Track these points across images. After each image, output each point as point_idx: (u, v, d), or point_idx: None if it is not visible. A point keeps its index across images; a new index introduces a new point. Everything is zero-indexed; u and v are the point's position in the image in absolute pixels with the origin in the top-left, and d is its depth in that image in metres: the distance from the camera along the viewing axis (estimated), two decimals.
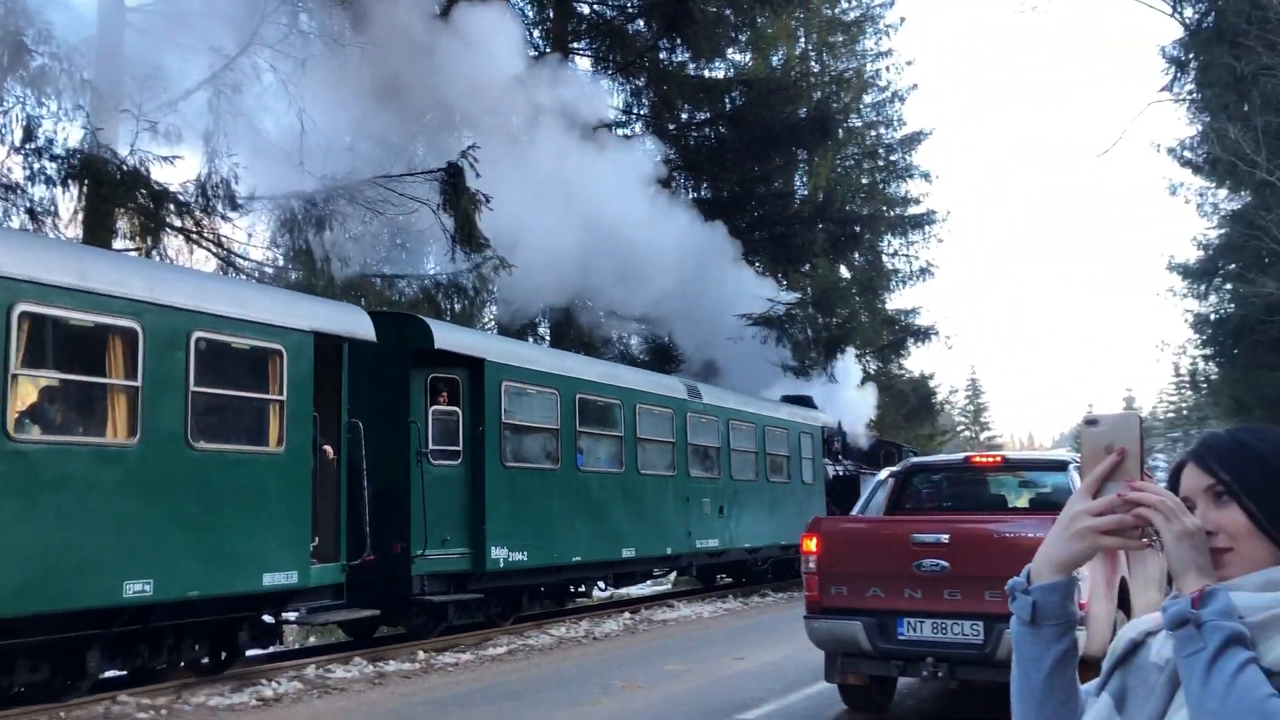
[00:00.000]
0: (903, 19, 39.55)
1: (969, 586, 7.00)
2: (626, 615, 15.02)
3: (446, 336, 12.46)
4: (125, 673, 9.32)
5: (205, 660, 9.77)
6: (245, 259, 16.14)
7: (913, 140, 38.68)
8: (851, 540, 7.85)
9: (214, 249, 15.62)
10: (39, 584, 7.71)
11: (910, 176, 39.20)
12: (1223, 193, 25.39)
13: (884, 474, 9.45)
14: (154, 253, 14.56)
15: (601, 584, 16.50)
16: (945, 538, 7.19)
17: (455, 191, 17.02)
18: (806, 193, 28.75)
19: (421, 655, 11.30)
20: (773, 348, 22.67)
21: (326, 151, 18.91)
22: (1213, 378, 27.83)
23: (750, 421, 18.99)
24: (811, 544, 7.70)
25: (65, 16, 13.72)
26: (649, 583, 19.76)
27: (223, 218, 15.38)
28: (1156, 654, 1.49)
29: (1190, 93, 23.94)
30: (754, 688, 9.39)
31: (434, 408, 12.34)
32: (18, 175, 13.48)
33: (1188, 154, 24.44)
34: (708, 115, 24.03)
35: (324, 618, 11.18)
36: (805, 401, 22.27)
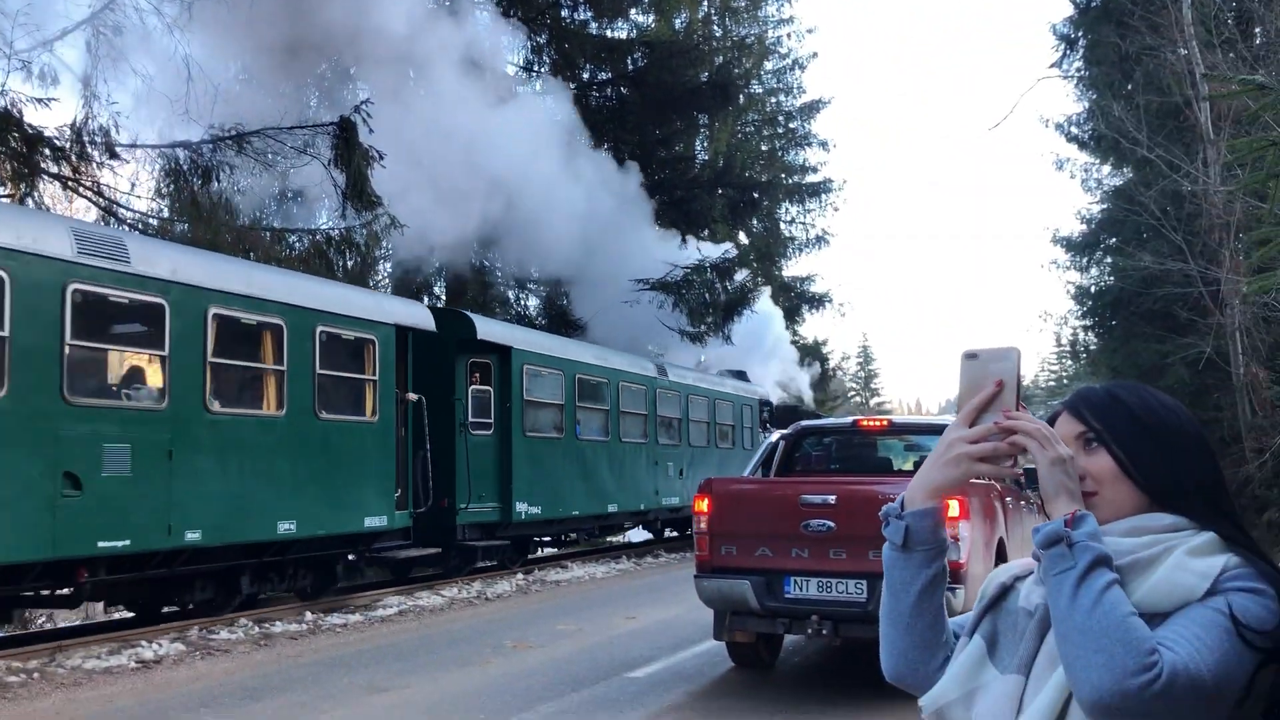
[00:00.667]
0: None
1: (854, 546, 7.16)
2: (519, 576, 15.02)
3: (485, 328, 15.16)
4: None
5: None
6: (128, 209, 15.52)
7: (812, 108, 39.03)
8: (742, 501, 7.95)
9: (93, 197, 14.99)
10: (225, 522, 10.29)
11: (809, 145, 39.61)
12: (1106, 168, 26.19)
13: (774, 436, 9.59)
14: (28, 199, 13.90)
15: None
16: (832, 498, 7.33)
17: (347, 146, 16.59)
18: (707, 158, 28.82)
19: (309, 616, 11.13)
20: (669, 312, 22.78)
21: (213, 100, 18.26)
22: (1092, 348, 28.85)
23: (704, 396, 21.83)
24: (703, 504, 7.78)
25: None
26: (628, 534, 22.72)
27: (100, 165, 14.73)
28: (1025, 599, 1.54)
29: (1078, 70, 24.62)
30: (644, 646, 9.50)
31: (472, 387, 14.89)
32: None
33: (1074, 130, 25.14)
34: (609, 76, 23.86)
35: (404, 554, 13.47)
36: (742, 376, 25.21)
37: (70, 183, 14.51)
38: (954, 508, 6.91)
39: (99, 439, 9.09)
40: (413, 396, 13.28)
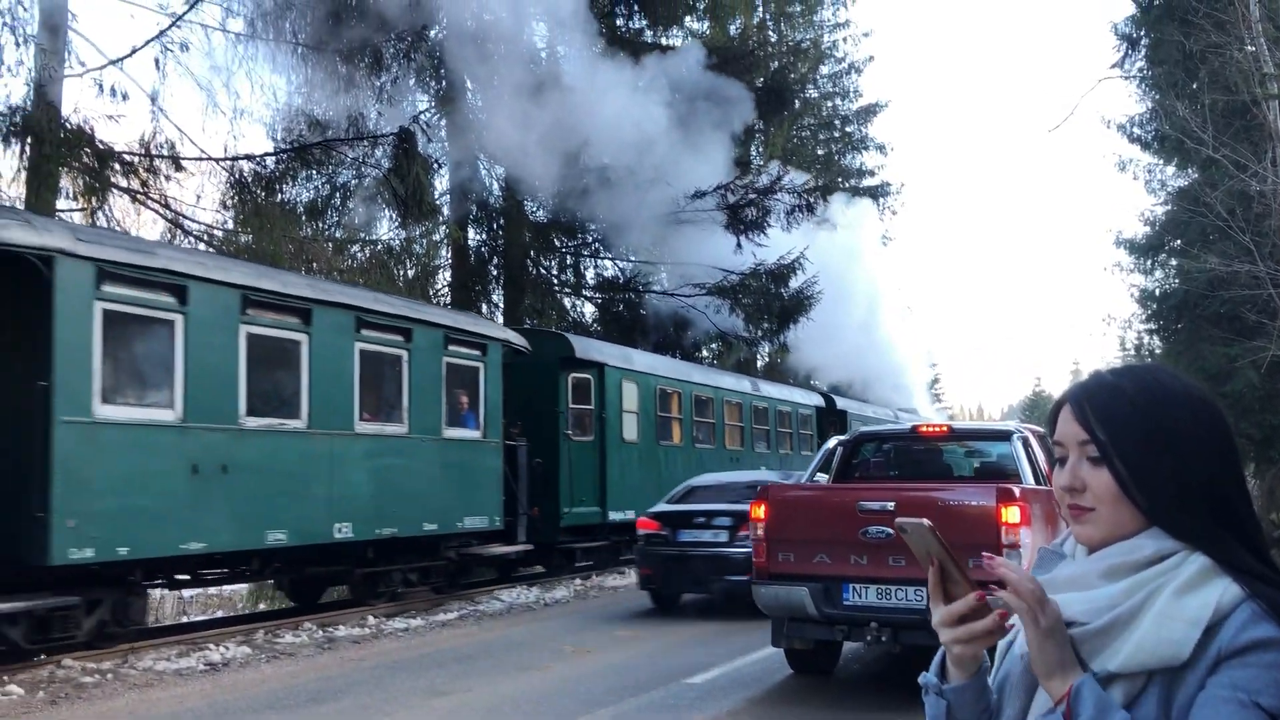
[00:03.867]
0: None
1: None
2: (577, 581, 15.09)
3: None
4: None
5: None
6: (194, 221, 15.89)
7: (868, 112, 38.83)
8: (799, 507, 7.94)
9: (161, 210, 15.37)
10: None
11: (866, 148, 39.42)
12: (1170, 169, 25.69)
13: (832, 442, 9.55)
14: (99, 213, 14.29)
15: None
16: (891, 505, 7.29)
17: (407, 157, 16.86)
18: (762, 163, 28.75)
19: (372, 620, 11.30)
20: (726, 316, 22.81)
21: (277, 113, 18.63)
22: (1157, 351, 28.31)
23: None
24: (760, 511, 7.77)
25: None
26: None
27: (168, 179, 15.11)
28: (1021, 643, 1.41)
29: (1140, 70, 24.19)
30: (703, 653, 9.50)
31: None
32: None
33: (1137, 130, 24.71)
34: (664, 82, 23.90)
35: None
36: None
37: (139, 196, 14.88)
38: (1014, 514, 6.85)
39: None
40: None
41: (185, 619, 14.88)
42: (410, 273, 21.58)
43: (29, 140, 12.99)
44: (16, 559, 8.49)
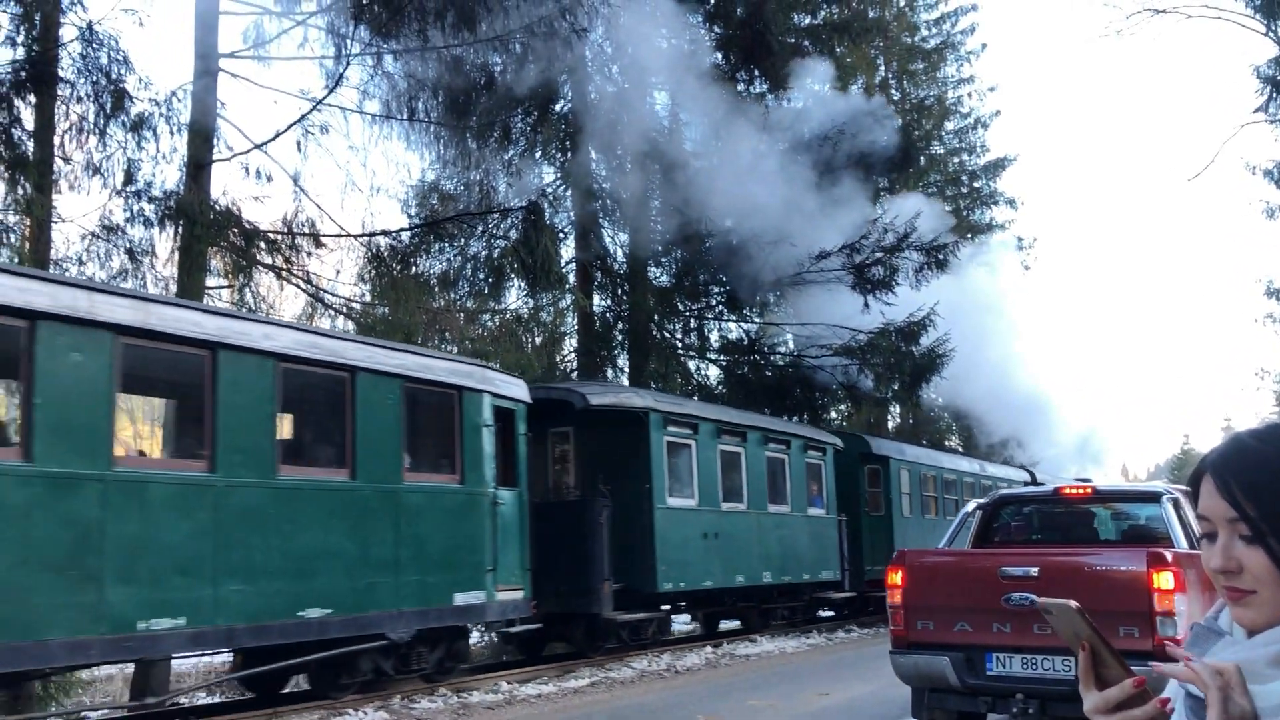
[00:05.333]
0: (984, 45, 39.22)
1: None
2: (709, 649, 14.90)
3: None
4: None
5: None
6: (333, 295, 16.51)
7: (996, 166, 38.15)
8: (938, 573, 7.69)
9: (303, 285, 16.02)
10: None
11: (995, 203, 38.66)
12: None
13: (971, 505, 9.25)
14: (245, 289, 14.97)
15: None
16: (1035, 570, 7.00)
17: (535, 228, 17.24)
18: (889, 220, 28.46)
19: (505, 686, 11.34)
20: (855, 376, 22.54)
21: (411, 189, 19.33)
22: None
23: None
24: (896, 577, 7.56)
25: (163, 65, 14.31)
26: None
27: (309, 255, 15.76)
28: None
29: None
30: None
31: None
32: (118, 217, 14.01)
33: None
34: (785, 145, 23.98)
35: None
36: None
37: (283, 273, 15.55)
38: (1167, 579, 6.49)
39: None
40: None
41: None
42: (538, 340, 21.96)
43: (182, 222, 13.74)
44: (635, 589, 14.45)
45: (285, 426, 10.56)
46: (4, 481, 7.53)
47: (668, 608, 15.97)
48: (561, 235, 22.23)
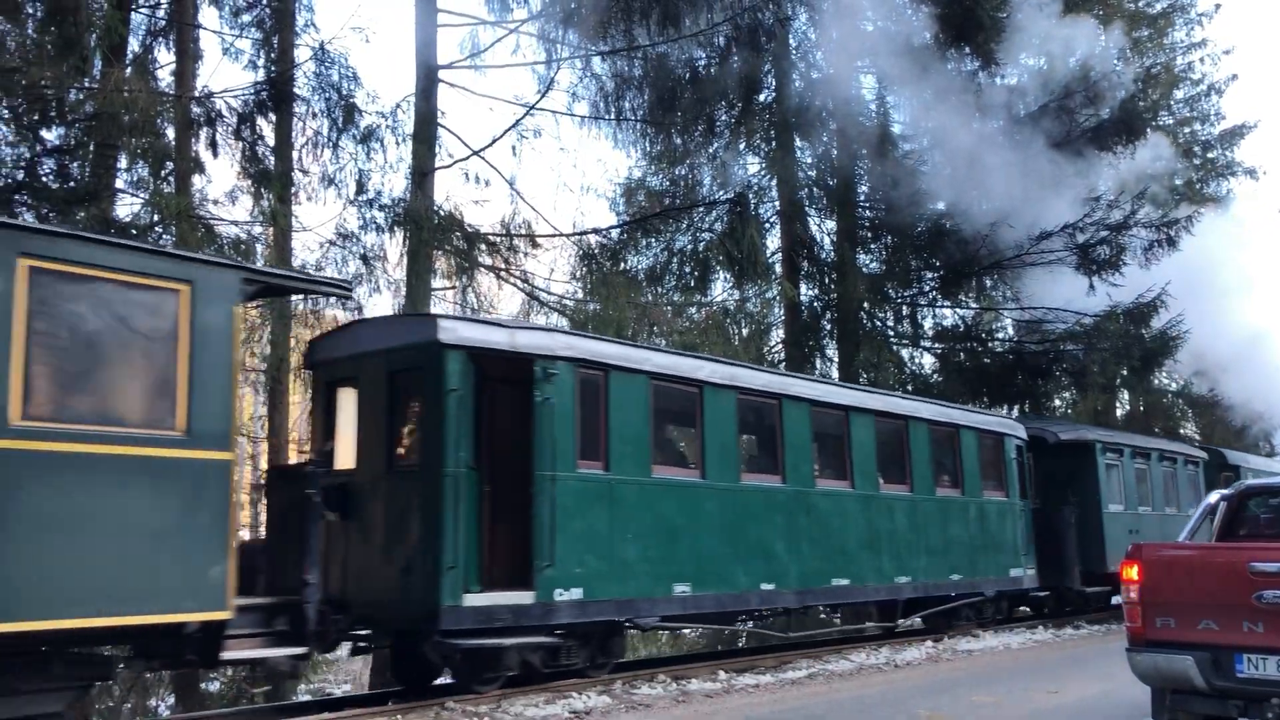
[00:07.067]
0: (1217, 5, 36.49)
1: None
2: (929, 643, 14.57)
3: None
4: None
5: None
6: (548, 293, 17.06)
7: (1233, 135, 35.54)
8: (1177, 568, 7.26)
9: (520, 285, 16.62)
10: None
11: (1233, 174, 36.02)
12: None
13: (1214, 497, 8.70)
14: (468, 290, 15.67)
15: None
16: None
17: (741, 220, 17.28)
18: (1113, 197, 26.99)
19: (723, 675, 11.45)
20: (1080, 362, 21.53)
21: (619, 187, 19.69)
22: None
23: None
24: (1132, 572, 7.19)
25: (386, 77, 15.21)
26: None
27: (526, 255, 16.33)
28: None
29: None
30: None
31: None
32: (352, 225, 14.96)
33: None
34: (1000, 122, 23.07)
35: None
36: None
37: (501, 273, 16.19)
38: None
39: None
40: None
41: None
42: (744, 331, 21.99)
43: (409, 228, 14.51)
44: (1089, 570, 18.33)
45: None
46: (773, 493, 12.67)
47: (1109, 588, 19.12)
48: (767, 226, 22.18)
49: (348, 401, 10.60)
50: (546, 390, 10.17)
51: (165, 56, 15.21)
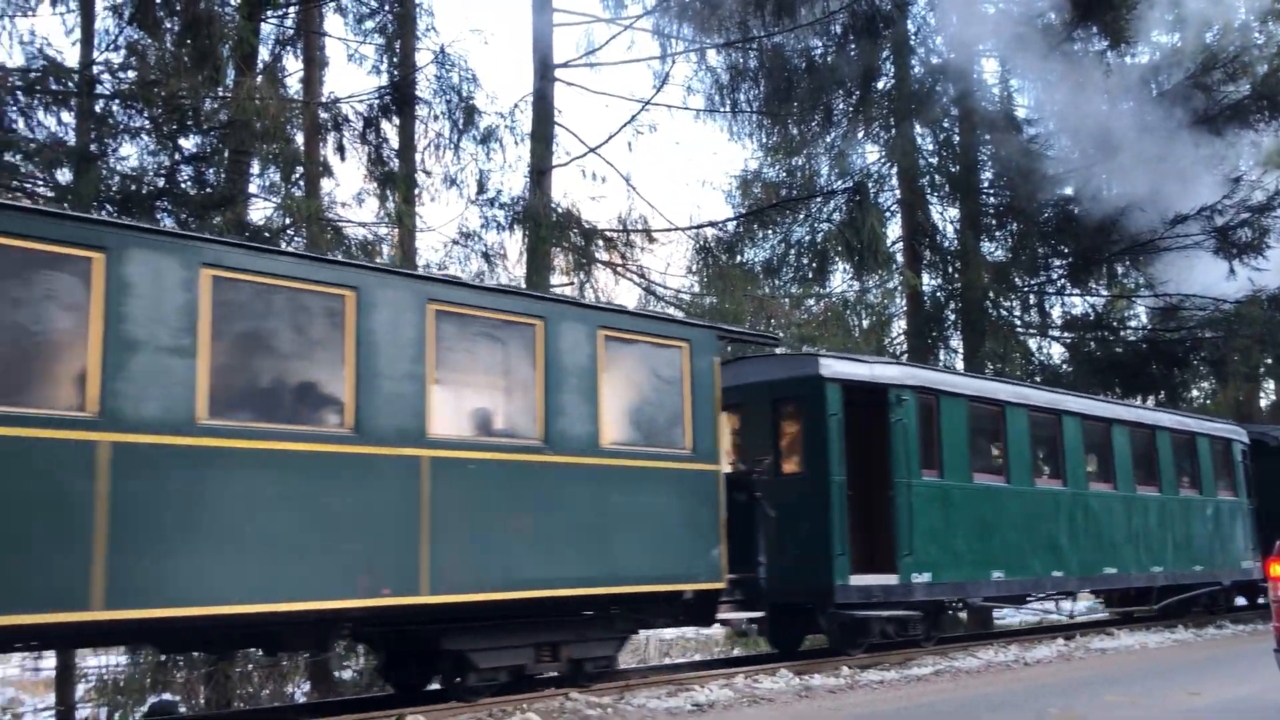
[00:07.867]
0: None
1: None
2: (1060, 641, 14.16)
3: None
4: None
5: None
6: (664, 287, 17.11)
7: None
8: None
9: (636, 280, 16.71)
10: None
11: None
12: None
13: None
14: (586, 285, 15.83)
15: None
16: None
17: (860, 210, 17.03)
18: (1255, 177, 25.74)
19: (846, 671, 11.33)
20: (1220, 350, 20.62)
21: (735, 179, 19.64)
22: None
23: None
24: (1278, 569, 6.87)
25: (503, 77, 15.48)
26: None
27: (642, 250, 16.42)
28: None
29: None
30: None
31: None
32: (474, 224, 15.25)
33: None
34: (1131, 104, 22.22)
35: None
36: None
37: (618, 268, 16.31)
38: None
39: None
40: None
41: (668, 660, 15.83)
42: (865, 323, 21.67)
43: (529, 226, 14.73)
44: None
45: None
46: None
47: None
48: (887, 214, 21.80)
49: (731, 423, 12.78)
50: (899, 413, 12.46)
51: (293, 64, 15.74)
